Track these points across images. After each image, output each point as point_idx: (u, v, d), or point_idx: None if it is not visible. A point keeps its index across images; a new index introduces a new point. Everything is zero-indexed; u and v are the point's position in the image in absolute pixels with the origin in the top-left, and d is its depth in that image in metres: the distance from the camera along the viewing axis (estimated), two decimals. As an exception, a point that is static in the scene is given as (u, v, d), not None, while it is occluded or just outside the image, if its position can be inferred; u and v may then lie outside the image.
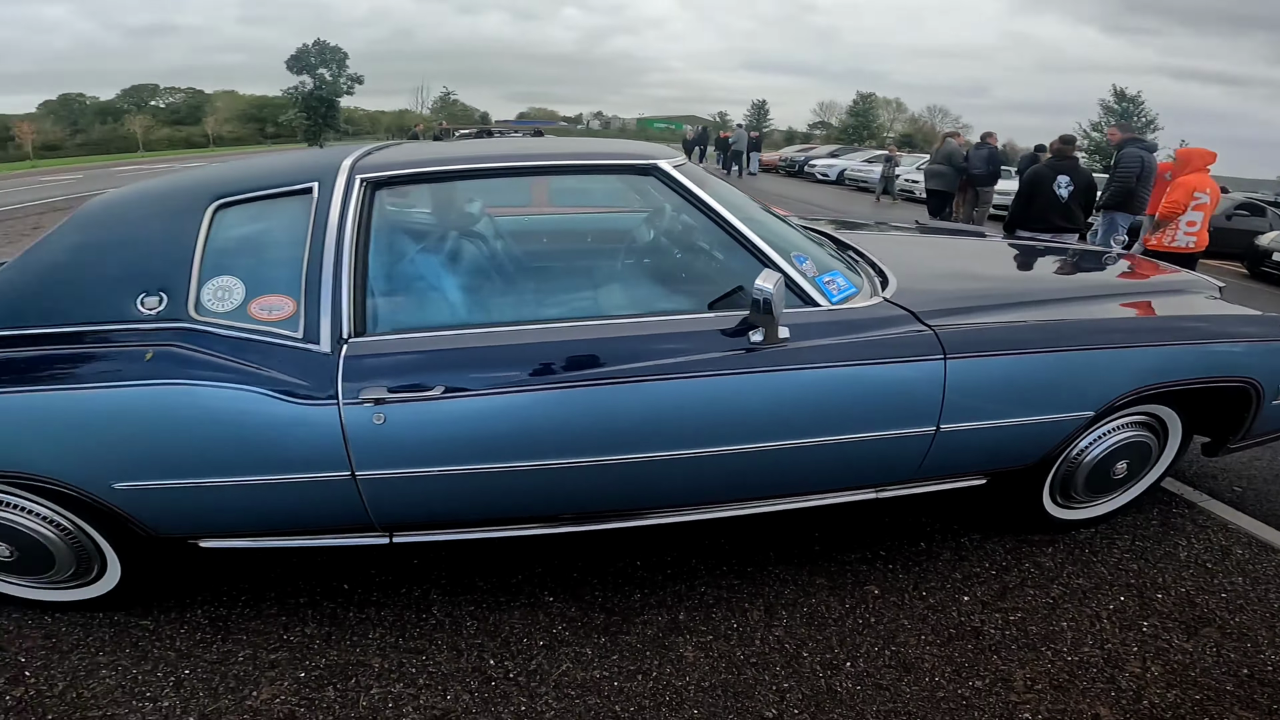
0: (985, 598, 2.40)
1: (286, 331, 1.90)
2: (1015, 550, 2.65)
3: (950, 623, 2.29)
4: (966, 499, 2.88)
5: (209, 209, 1.99)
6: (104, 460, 1.88)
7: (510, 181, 3.39)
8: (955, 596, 2.41)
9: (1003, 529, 2.76)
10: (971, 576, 2.51)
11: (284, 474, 1.91)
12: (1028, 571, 2.54)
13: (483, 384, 1.93)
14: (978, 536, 2.73)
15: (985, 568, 2.56)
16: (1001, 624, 2.29)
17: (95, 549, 2.09)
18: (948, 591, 2.43)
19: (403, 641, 2.13)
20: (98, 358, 1.87)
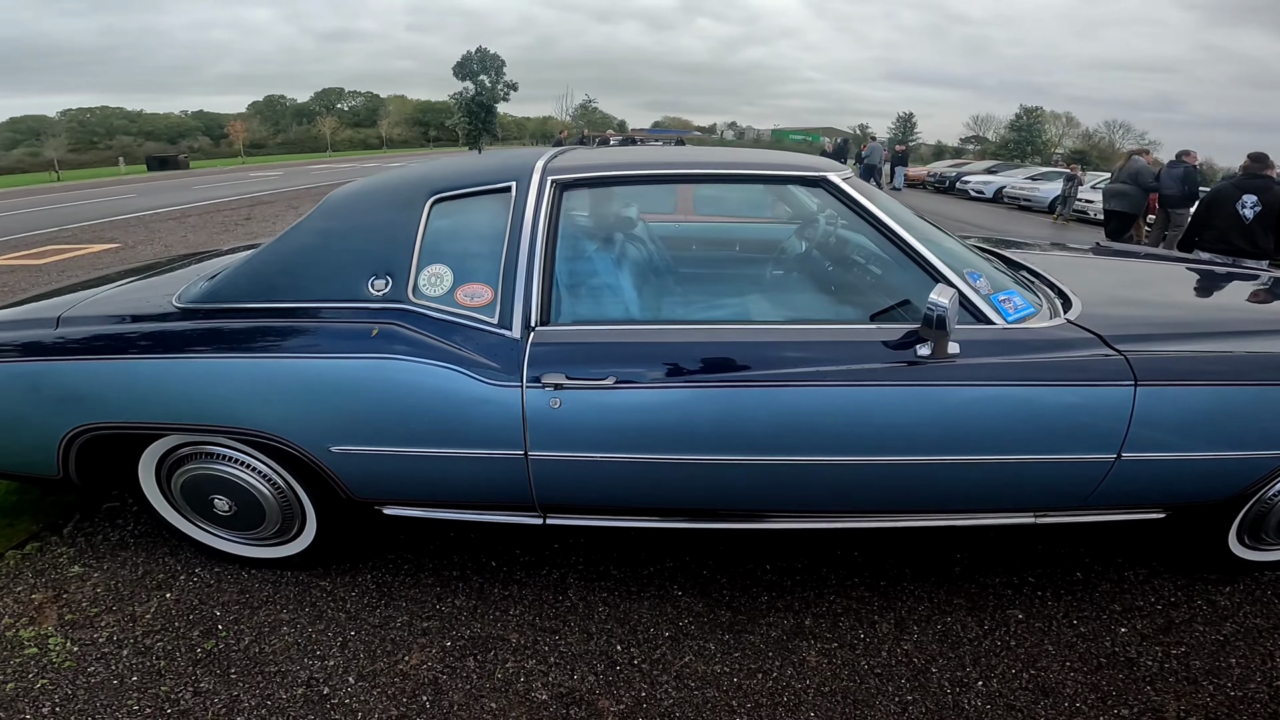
0: (1146, 631, 2.24)
1: (485, 317, 2.09)
2: (1187, 587, 2.44)
3: (1101, 651, 2.16)
4: (1135, 531, 2.71)
5: (427, 202, 2.21)
6: (326, 424, 2.11)
7: (660, 188, 3.55)
8: (1110, 627, 2.26)
9: (1176, 566, 2.55)
10: (1132, 609, 2.34)
11: (467, 448, 2.10)
12: (1198, 608, 2.34)
13: (651, 378, 2.04)
14: (1144, 571, 2.53)
15: (1150, 602, 2.38)
16: (1161, 657, 2.13)
17: (299, 509, 2.39)
18: (1102, 622, 2.29)
19: (539, 620, 2.29)
20: (332, 331, 2.12)
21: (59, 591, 2.37)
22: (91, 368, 2.16)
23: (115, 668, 2.06)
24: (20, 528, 2.71)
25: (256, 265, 2.30)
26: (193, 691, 1.99)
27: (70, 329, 2.26)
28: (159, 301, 2.38)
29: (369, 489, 2.24)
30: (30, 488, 2.96)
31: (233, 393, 2.11)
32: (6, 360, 2.22)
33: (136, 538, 2.70)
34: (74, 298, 2.59)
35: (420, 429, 2.09)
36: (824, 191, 2.29)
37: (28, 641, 2.15)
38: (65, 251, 9.58)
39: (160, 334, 2.19)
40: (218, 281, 2.32)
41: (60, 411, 2.18)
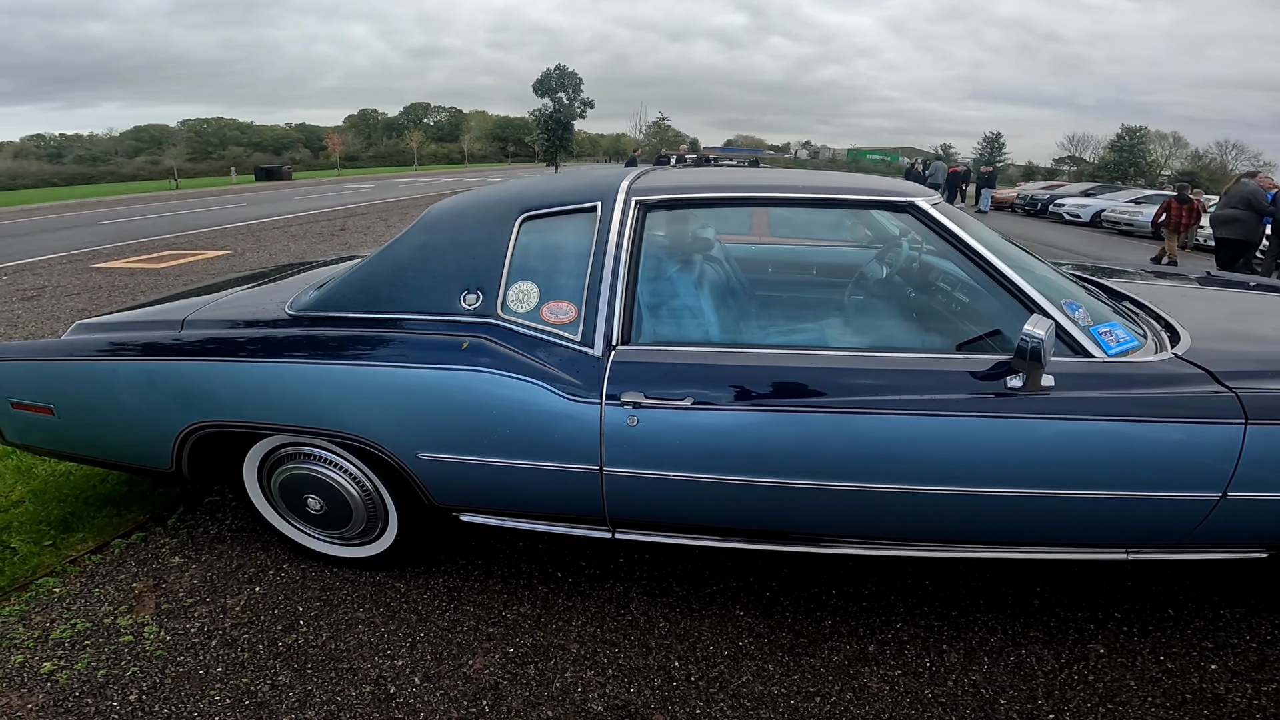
0: (1237, 668, 2.15)
1: (568, 335, 2.17)
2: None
3: (1187, 688, 2.08)
4: (1235, 570, 2.59)
5: (517, 220, 2.30)
6: (416, 431, 2.21)
7: (739, 210, 3.57)
8: (1199, 663, 2.18)
9: (1276, 605, 2.43)
10: (1224, 646, 2.25)
11: (545, 461, 2.16)
12: (1295, 648, 2.21)
13: (728, 400, 2.08)
14: (1241, 610, 2.41)
15: (1245, 640, 2.27)
16: (1251, 693, 2.05)
17: (382, 511, 2.52)
18: (1191, 658, 2.20)
19: (600, 632, 2.34)
20: (426, 342, 2.22)
21: (158, 581, 2.57)
22: (210, 368, 2.34)
23: (202, 658, 2.22)
24: (128, 518, 2.95)
25: (361, 277, 2.44)
26: (271, 684, 2.12)
27: (193, 331, 2.46)
28: (273, 309, 2.57)
29: (450, 495, 2.34)
30: (139, 480, 3.22)
31: (333, 397, 2.25)
32: (135, 358, 2.43)
33: (233, 532, 2.90)
34: (195, 302, 2.82)
35: (501, 440, 2.18)
36: (910, 217, 2.27)
37: (124, 629, 2.33)
38: (182, 257, 10.28)
39: (272, 339, 2.35)
40: (325, 291, 2.48)
41: (179, 408, 2.37)
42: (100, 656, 2.21)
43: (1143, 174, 55.28)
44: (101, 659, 2.20)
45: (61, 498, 3.08)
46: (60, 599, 2.46)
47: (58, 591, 2.50)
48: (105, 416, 2.49)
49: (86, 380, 2.47)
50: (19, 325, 6.37)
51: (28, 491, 3.13)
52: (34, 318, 6.66)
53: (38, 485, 3.19)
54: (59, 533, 2.82)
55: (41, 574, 2.58)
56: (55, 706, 2.02)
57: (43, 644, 2.25)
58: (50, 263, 10.00)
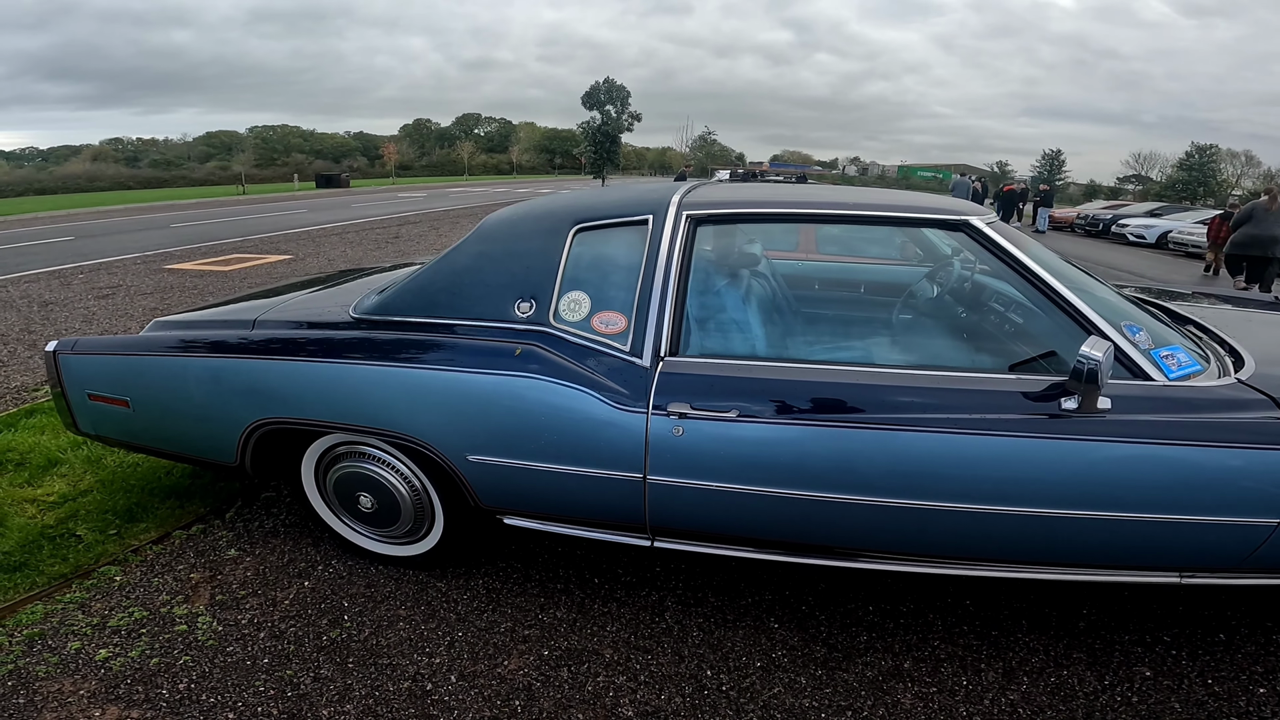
0: (1287, 694, 2.07)
1: (617, 345, 2.20)
2: (1340, 655, 2.22)
3: (1234, 710, 2.03)
4: None
5: (571, 231, 2.34)
6: (466, 433, 2.26)
7: (787, 226, 3.55)
8: (1249, 687, 2.11)
9: (1331, 631, 2.32)
10: (1275, 671, 2.18)
11: (590, 468, 2.18)
12: (1350, 677, 2.12)
13: (773, 414, 2.08)
14: (1297, 635, 2.32)
15: (1296, 666, 2.18)
16: None
17: (429, 512, 2.57)
18: (1241, 682, 2.13)
19: (634, 639, 2.35)
20: (480, 348, 2.27)
21: (214, 573, 2.65)
22: (276, 367, 2.42)
23: (251, 649, 2.28)
24: (190, 510, 3.05)
25: (420, 283, 2.50)
26: (313, 677, 2.17)
27: (263, 331, 2.56)
28: (337, 311, 2.65)
29: (495, 498, 2.38)
30: (201, 473, 3.33)
31: (388, 398, 2.31)
32: (208, 355, 2.53)
33: (286, 527, 2.98)
34: (265, 303, 2.92)
35: (549, 445, 2.21)
36: (965, 236, 2.25)
37: (179, 619, 2.41)
38: (247, 260, 10.61)
39: (335, 341, 2.43)
40: (387, 296, 2.55)
41: (246, 404, 2.46)
42: (154, 645, 2.29)
43: (1212, 194, 53.27)
44: (155, 647, 2.28)
45: (128, 488, 3.20)
46: (120, 587, 2.56)
47: (118, 580, 2.60)
48: (177, 410, 2.59)
49: (162, 375, 2.58)
50: (94, 322, 6.65)
51: (96, 481, 3.27)
52: (108, 315, 6.94)
53: (106, 475, 3.33)
54: (124, 522, 2.94)
55: (104, 562, 2.68)
56: (106, 693, 2.09)
57: (100, 631, 2.34)
58: (125, 263, 10.41)
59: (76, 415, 2.78)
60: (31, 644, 2.26)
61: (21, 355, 5.55)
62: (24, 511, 2.99)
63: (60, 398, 2.77)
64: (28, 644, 2.26)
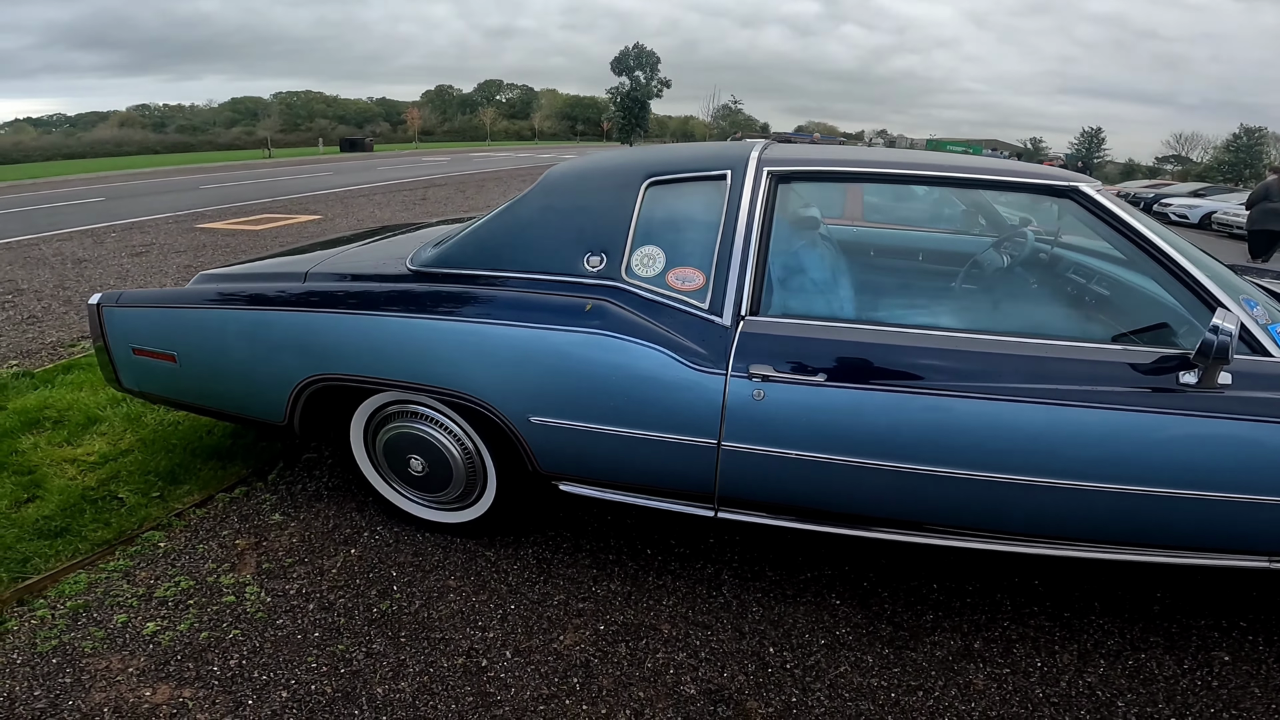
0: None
1: (695, 302, 2.06)
2: None
3: None
4: None
5: (643, 184, 2.19)
6: (529, 393, 2.12)
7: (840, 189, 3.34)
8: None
9: None
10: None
11: (661, 432, 2.05)
12: None
13: (863, 379, 1.94)
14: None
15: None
16: None
17: (481, 476, 2.43)
18: (1321, 669, 2.00)
19: (692, 614, 2.22)
20: (547, 304, 2.12)
21: (260, 539, 2.54)
22: (330, 321, 2.28)
23: (300, 622, 2.16)
24: (232, 471, 2.94)
25: (482, 235, 2.35)
26: (365, 652, 2.05)
27: (316, 284, 2.41)
28: (393, 264, 2.50)
29: (555, 463, 2.24)
30: (243, 432, 3.22)
31: (447, 354, 2.16)
32: (259, 308, 2.38)
33: (330, 490, 2.86)
34: (316, 255, 2.76)
35: (617, 407, 2.07)
36: (1073, 202, 2.08)
37: (227, 589, 2.29)
38: (277, 220, 10.49)
39: (392, 294, 2.28)
40: (446, 248, 2.39)
41: (297, 360, 2.32)
42: (203, 618, 2.17)
43: (1259, 176, 51.95)
44: (204, 620, 2.16)
45: (169, 448, 3.09)
46: (165, 554, 2.45)
47: (163, 546, 2.48)
48: (225, 366, 2.46)
49: (210, 329, 2.44)
50: (128, 278, 6.56)
51: (137, 440, 3.16)
52: (142, 272, 6.85)
53: (147, 434, 3.21)
54: (166, 484, 2.82)
55: (148, 527, 2.57)
56: (156, 670, 1.98)
57: (146, 602, 2.22)
58: (157, 222, 10.31)
59: (120, 370, 2.65)
60: (76, 617, 2.15)
61: (57, 311, 5.46)
62: (64, 473, 2.89)
63: (103, 352, 2.64)
64: (72, 617, 2.15)
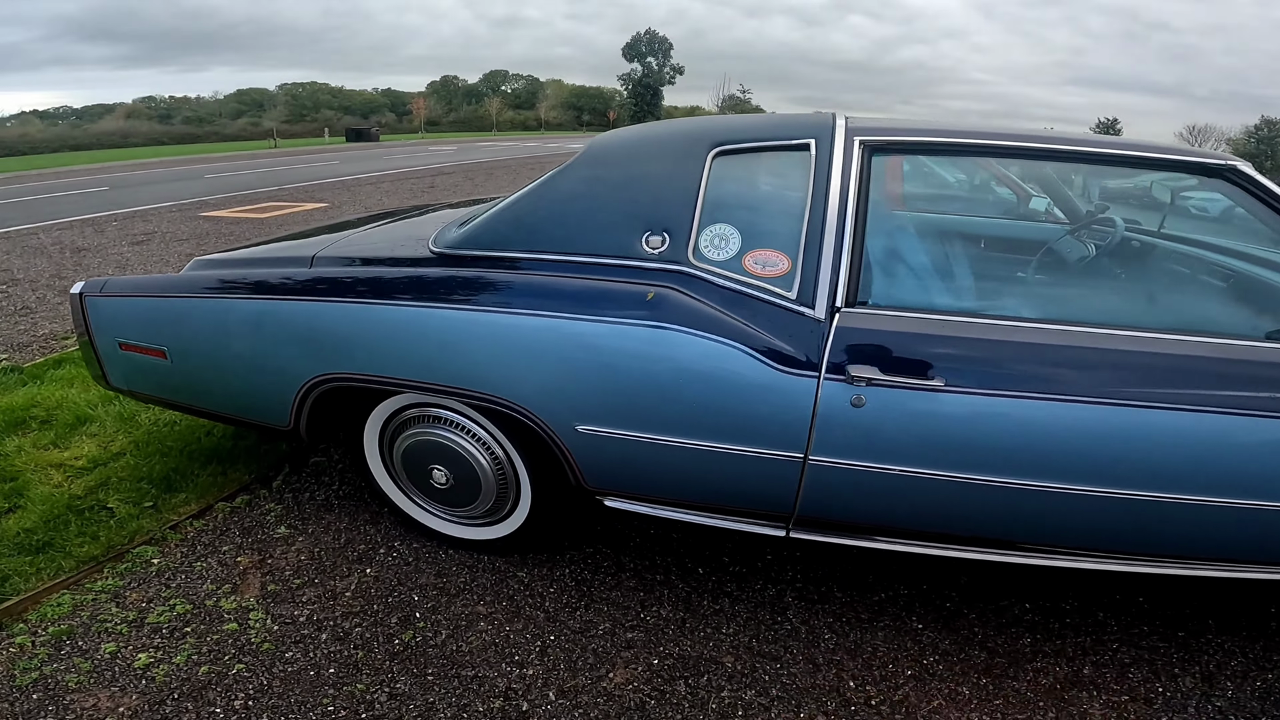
0: None
1: (780, 290, 1.73)
2: None
3: None
4: None
5: (709, 155, 1.87)
6: (577, 397, 1.81)
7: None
8: None
9: None
10: None
11: (735, 444, 1.74)
12: None
13: (993, 383, 1.62)
14: None
15: None
16: None
17: (513, 490, 2.12)
18: None
19: (756, 644, 1.93)
20: (601, 292, 1.79)
21: (264, 555, 2.23)
22: (341, 311, 1.95)
23: (313, 655, 1.86)
24: (233, 477, 2.64)
25: (519, 212, 2.02)
26: (389, 693, 1.75)
27: (325, 269, 2.09)
28: (414, 246, 2.17)
29: (605, 478, 1.93)
30: (245, 433, 2.90)
31: (479, 351, 1.84)
32: (260, 297, 2.06)
33: (340, 499, 2.55)
34: (324, 239, 2.43)
35: (684, 415, 1.75)
36: (1226, 182, 1.78)
37: (228, 614, 1.99)
38: (283, 208, 10.16)
39: (414, 280, 1.95)
40: (475, 228, 2.06)
41: (305, 357, 2.01)
42: (202, 648, 1.87)
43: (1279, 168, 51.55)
44: (204, 651, 1.87)
45: (165, 450, 2.78)
46: (159, 572, 2.15)
47: (156, 563, 2.19)
48: (222, 363, 2.14)
49: (204, 321, 2.13)
50: (128, 267, 6.27)
51: (130, 442, 2.86)
52: (143, 260, 6.56)
53: (141, 435, 2.91)
54: (160, 492, 2.52)
55: (140, 541, 2.27)
56: (151, 711, 1.68)
57: (138, 629, 1.93)
58: (160, 210, 9.99)
59: (106, 367, 2.34)
60: (59, 644, 1.87)
61: (51, 301, 5.16)
62: (49, 479, 2.59)
63: (88, 347, 2.33)
64: (55, 644, 1.86)
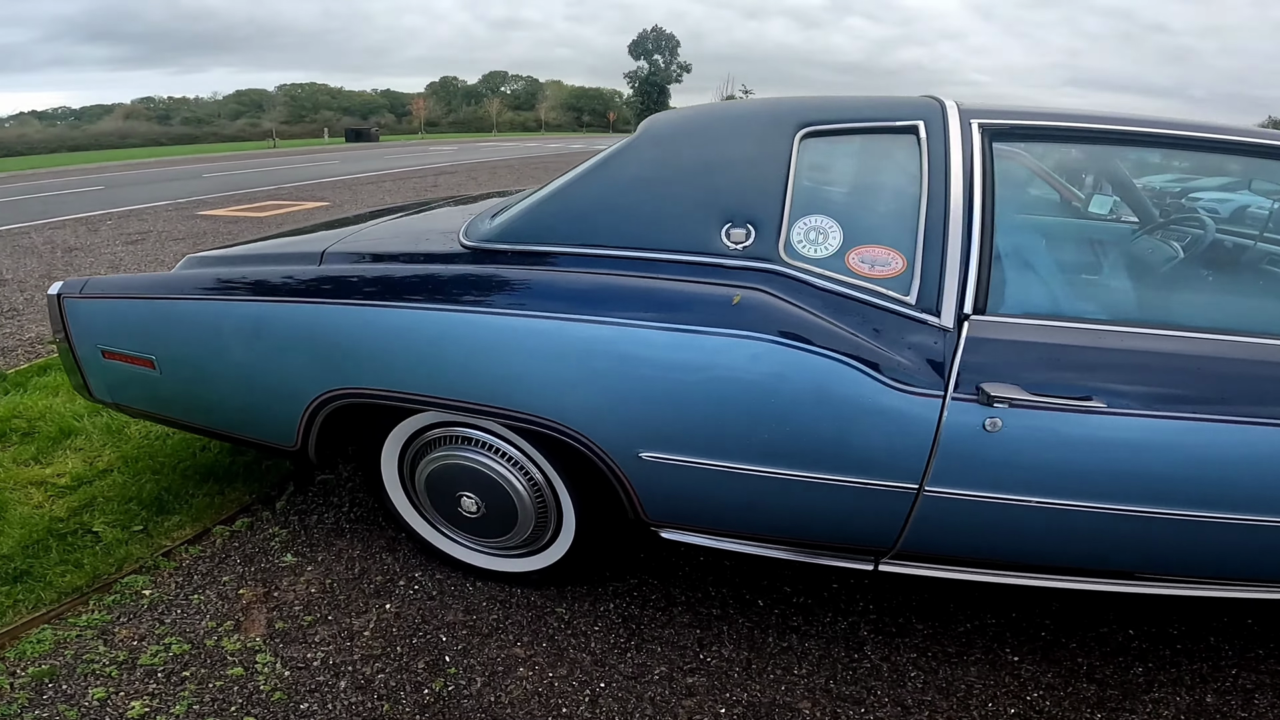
0: None
1: (895, 294, 1.46)
2: None
3: None
4: None
5: (795, 136, 1.59)
6: (643, 421, 1.52)
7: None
8: None
9: None
10: None
11: (838, 474, 1.48)
12: None
13: (1161, 403, 1.38)
14: None
15: None
16: None
17: (554, 518, 1.85)
18: None
19: (834, 686, 1.68)
20: (674, 294, 1.50)
21: (269, 587, 1.97)
22: (357, 316, 1.67)
23: (332, 708, 1.60)
24: (232, 497, 2.37)
25: (569, 199, 1.73)
26: (424, 760, 1.49)
27: (337, 266, 1.80)
28: (439, 239, 1.88)
29: (669, 510, 1.66)
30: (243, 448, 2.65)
31: (526, 365, 1.55)
32: (263, 299, 1.77)
33: (352, 523, 2.27)
34: (334, 234, 2.13)
35: (776, 441, 1.48)
36: None
37: (232, 656, 1.72)
38: (283, 207, 9.87)
39: (444, 278, 1.66)
40: (516, 216, 1.76)
41: (315, 368, 1.72)
42: (205, 697, 1.61)
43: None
44: (206, 700, 1.60)
45: (156, 467, 2.51)
46: (151, 606, 1.89)
47: (148, 595, 1.92)
48: (219, 374, 1.87)
49: (198, 326, 1.85)
50: (120, 268, 5.99)
51: (118, 458, 2.59)
52: (136, 260, 6.28)
53: (130, 450, 2.65)
54: (151, 514, 2.25)
55: (129, 570, 2.01)
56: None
57: (130, 672, 1.67)
58: (156, 209, 9.70)
59: (89, 377, 2.07)
60: (40, 689, 1.61)
61: (39, 303, 4.88)
62: (28, 499, 2.32)
63: (68, 354, 2.06)
64: (35, 688, 1.61)
